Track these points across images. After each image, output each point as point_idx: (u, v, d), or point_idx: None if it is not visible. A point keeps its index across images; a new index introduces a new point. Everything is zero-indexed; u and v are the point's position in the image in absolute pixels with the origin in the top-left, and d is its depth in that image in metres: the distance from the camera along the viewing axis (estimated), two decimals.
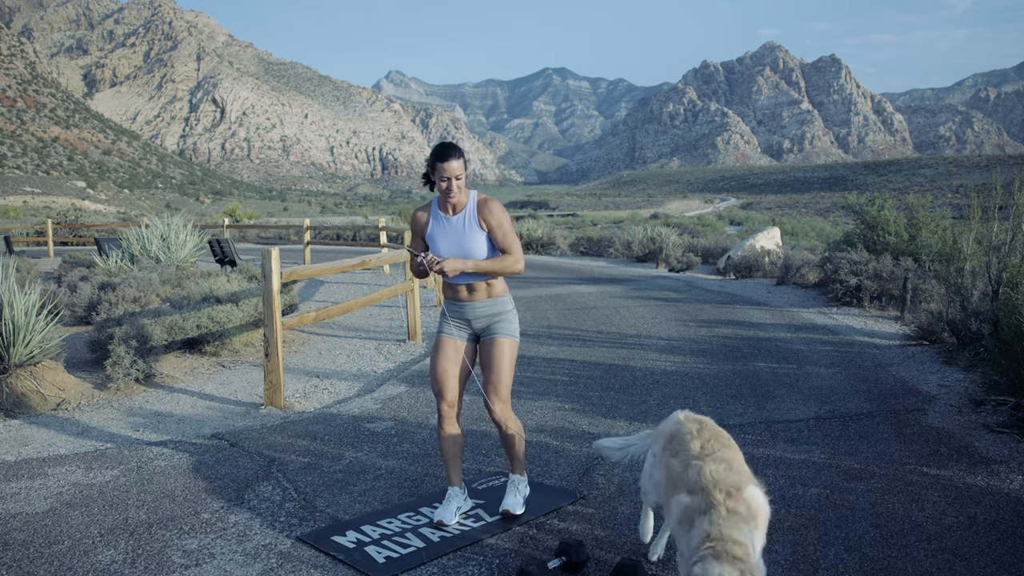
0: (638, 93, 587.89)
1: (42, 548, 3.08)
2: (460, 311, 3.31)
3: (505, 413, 3.28)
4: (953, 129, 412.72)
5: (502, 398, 3.25)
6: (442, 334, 3.35)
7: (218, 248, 12.36)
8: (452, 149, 3.14)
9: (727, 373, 6.05)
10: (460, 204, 3.21)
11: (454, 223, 3.21)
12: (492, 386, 3.24)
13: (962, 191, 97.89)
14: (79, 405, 5.46)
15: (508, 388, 3.26)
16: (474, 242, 3.18)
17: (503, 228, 3.19)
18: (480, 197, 3.24)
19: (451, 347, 3.30)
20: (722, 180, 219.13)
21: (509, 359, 3.25)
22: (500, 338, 3.25)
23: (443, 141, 3.27)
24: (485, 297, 3.26)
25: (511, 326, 3.29)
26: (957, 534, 3.11)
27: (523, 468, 3.43)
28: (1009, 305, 5.00)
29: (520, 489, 3.40)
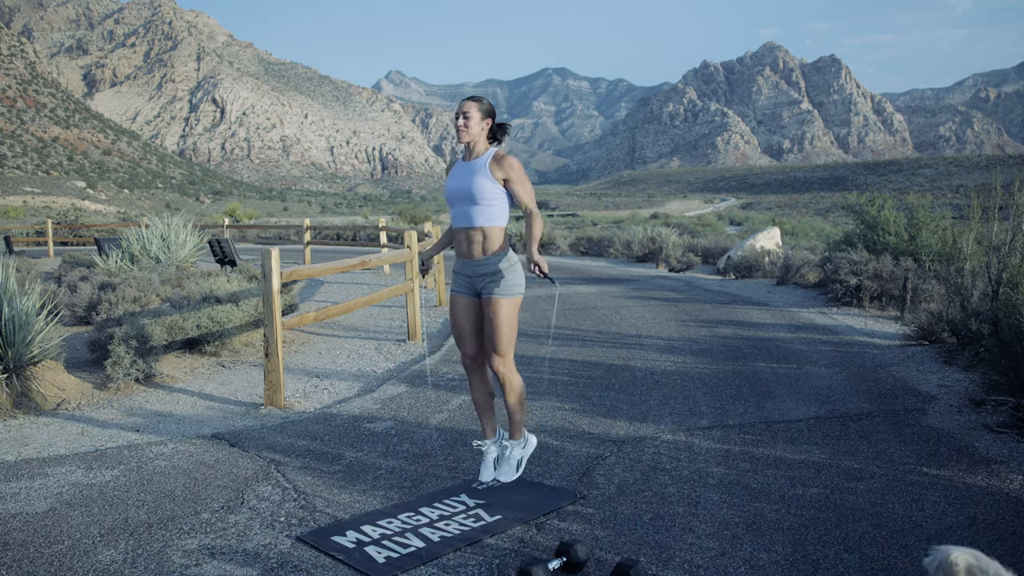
0: (638, 93, 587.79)
1: (42, 548, 3.07)
2: (462, 268, 3.50)
3: (503, 367, 3.41)
4: (953, 129, 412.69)
5: (499, 352, 3.39)
6: (453, 291, 3.57)
7: (218, 248, 12.36)
8: (474, 96, 3.47)
9: (727, 373, 6.05)
10: (475, 150, 3.43)
11: (468, 166, 3.44)
12: (489, 342, 3.41)
13: (962, 191, 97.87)
14: (79, 405, 5.46)
15: (506, 344, 3.39)
16: (478, 184, 3.36)
17: (521, 183, 3.39)
18: (499, 152, 3.43)
19: (461, 304, 3.52)
20: (722, 180, 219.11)
21: (505, 316, 3.37)
22: (495, 298, 3.38)
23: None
24: (480, 255, 3.41)
25: (507, 283, 3.39)
26: (957, 534, 3.11)
27: (521, 430, 3.58)
28: (1009, 305, 5.00)
29: (513, 456, 3.56)
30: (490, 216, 3.38)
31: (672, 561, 2.90)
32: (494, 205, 3.38)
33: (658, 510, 3.38)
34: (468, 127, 3.39)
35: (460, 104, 3.45)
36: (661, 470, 3.88)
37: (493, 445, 3.61)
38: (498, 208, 3.39)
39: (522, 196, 3.39)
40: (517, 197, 3.40)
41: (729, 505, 3.42)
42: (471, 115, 3.39)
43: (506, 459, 3.57)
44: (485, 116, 3.43)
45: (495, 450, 3.61)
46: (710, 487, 3.64)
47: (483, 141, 3.44)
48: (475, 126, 3.40)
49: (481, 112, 3.42)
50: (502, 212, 3.41)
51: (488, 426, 3.64)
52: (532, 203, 3.40)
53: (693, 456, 4.09)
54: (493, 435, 3.64)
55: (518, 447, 3.58)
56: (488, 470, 3.57)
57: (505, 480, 3.54)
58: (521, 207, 3.43)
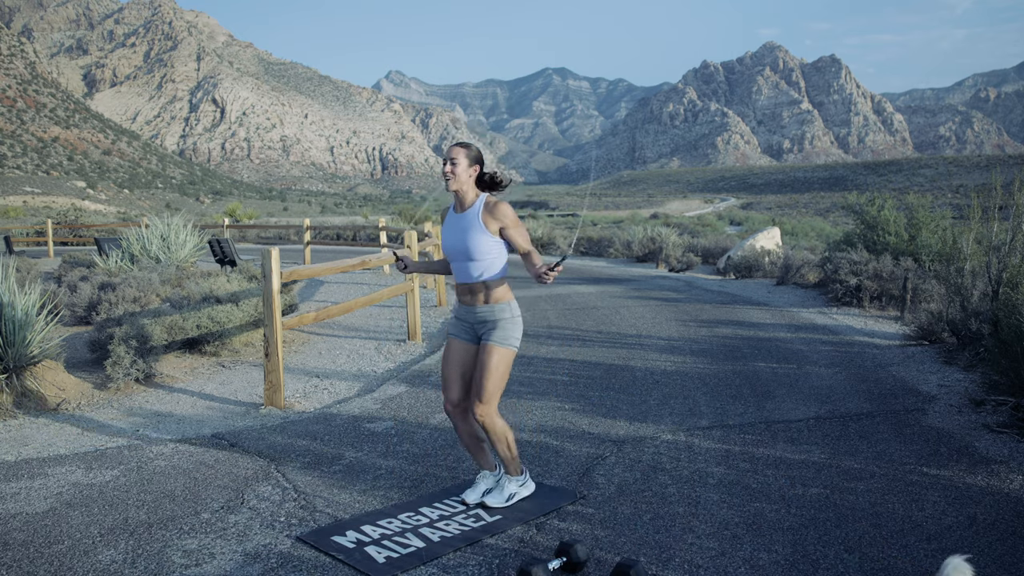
0: (638, 93, 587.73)
1: (42, 548, 3.08)
2: (464, 314, 3.44)
3: (483, 413, 3.32)
4: (953, 129, 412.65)
5: (482, 400, 3.30)
6: (449, 335, 3.52)
7: (218, 248, 12.36)
8: (462, 143, 3.40)
9: (727, 373, 6.05)
10: (465, 200, 3.36)
11: (460, 219, 3.37)
12: (475, 388, 3.33)
13: (962, 191, 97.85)
14: (79, 405, 5.46)
15: (492, 391, 3.30)
16: (473, 240, 3.30)
17: (517, 228, 3.33)
18: (489, 200, 3.35)
19: (456, 349, 3.46)
20: (722, 180, 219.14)
21: (496, 365, 3.30)
22: (491, 344, 3.33)
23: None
24: (483, 303, 3.35)
25: (505, 333, 3.34)
26: (957, 534, 3.11)
27: (516, 469, 3.48)
28: (1009, 305, 5.01)
29: (507, 488, 3.46)
30: (490, 269, 3.33)
31: (672, 561, 2.90)
32: (493, 258, 3.32)
33: (658, 510, 3.38)
34: (456, 174, 3.32)
35: (448, 150, 3.37)
36: (661, 470, 3.88)
37: (491, 476, 3.54)
38: (497, 259, 3.34)
39: (518, 241, 3.34)
40: (513, 243, 3.34)
41: (729, 505, 3.42)
42: (458, 161, 3.32)
43: (499, 488, 3.49)
44: (472, 163, 3.35)
45: (491, 480, 3.53)
46: (710, 487, 3.64)
47: (472, 189, 3.36)
48: (462, 173, 3.32)
49: (468, 158, 3.34)
50: (501, 262, 3.36)
51: (483, 462, 3.55)
52: (528, 245, 3.34)
53: (693, 456, 4.09)
54: (491, 468, 3.56)
55: (515, 483, 3.50)
56: (475, 494, 3.49)
57: (491, 504, 3.43)
58: (519, 251, 3.37)
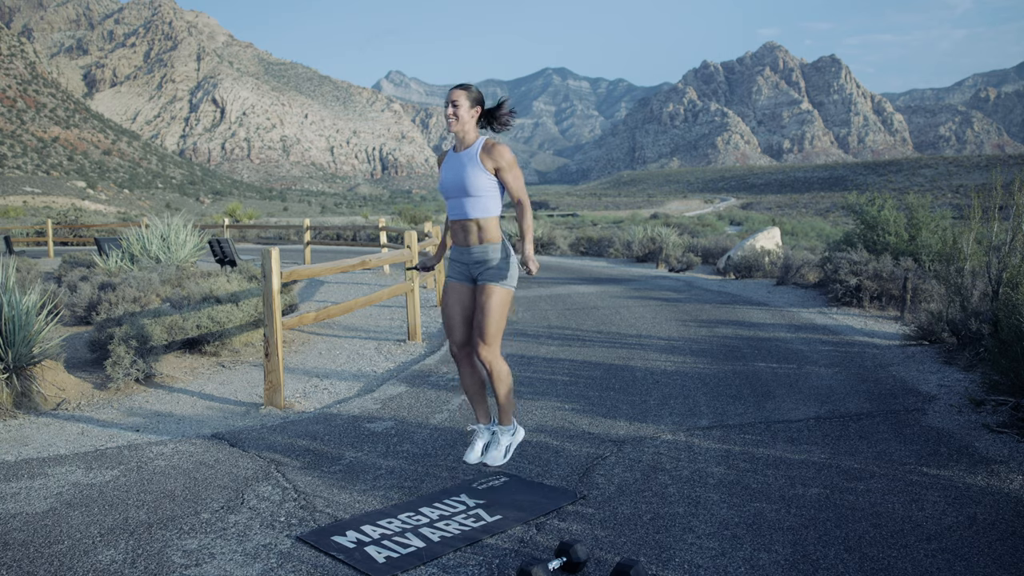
0: (638, 93, 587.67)
1: (42, 548, 3.08)
2: (459, 255, 3.52)
3: (488, 355, 3.41)
4: (953, 129, 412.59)
5: (486, 341, 3.39)
6: (448, 278, 3.58)
7: (218, 248, 12.36)
8: (462, 84, 3.48)
9: (727, 373, 6.05)
10: (465, 140, 3.44)
11: (459, 157, 3.44)
12: (477, 328, 3.41)
13: (962, 191, 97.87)
14: (79, 405, 5.46)
15: (494, 332, 3.40)
16: (471, 176, 3.37)
17: (513, 171, 3.39)
18: (489, 141, 3.42)
19: (455, 291, 3.53)
20: (722, 180, 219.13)
21: (495, 304, 3.38)
22: (488, 284, 3.40)
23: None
24: (477, 242, 3.43)
25: (501, 272, 3.41)
26: (957, 534, 3.11)
27: (509, 418, 3.59)
28: (1009, 305, 5.01)
29: (501, 441, 3.57)
30: (485, 207, 3.40)
31: (672, 561, 2.90)
32: (488, 196, 3.39)
33: (658, 510, 3.38)
34: (458, 116, 3.40)
35: (449, 92, 3.44)
36: (661, 470, 3.88)
37: (486, 430, 3.63)
38: (492, 199, 3.41)
39: (512, 185, 3.40)
40: (507, 186, 3.40)
41: (729, 505, 3.42)
42: (460, 103, 3.39)
43: (495, 444, 3.59)
44: (474, 104, 3.42)
45: (486, 435, 3.62)
46: (710, 487, 3.64)
47: (473, 130, 3.44)
48: (464, 114, 3.40)
49: (470, 100, 3.41)
50: (496, 202, 3.43)
51: (481, 411, 3.67)
52: (522, 193, 3.40)
53: (693, 456, 4.09)
54: (487, 420, 3.68)
55: (507, 433, 3.61)
56: (475, 453, 3.57)
57: (492, 464, 3.54)
58: (511, 197, 3.43)
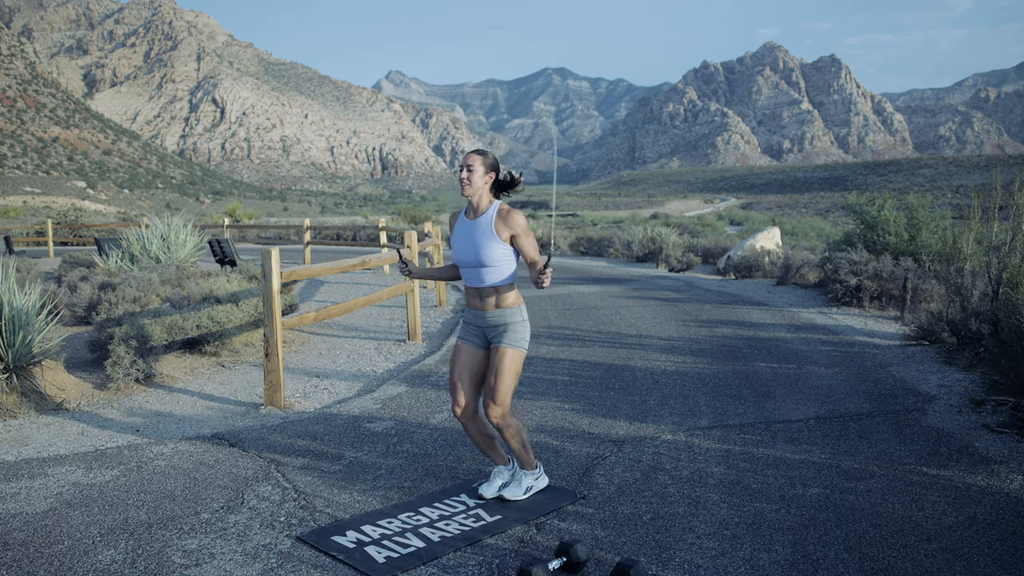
0: (638, 93, 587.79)
1: (42, 548, 3.08)
2: (473, 319, 3.49)
3: (500, 418, 3.39)
4: (953, 129, 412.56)
5: (497, 402, 3.36)
6: (459, 339, 3.55)
7: (218, 248, 12.36)
8: (479, 150, 3.44)
9: (727, 373, 6.05)
10: (480, 206, 3.40)
11: (474, 225, 3.40)
12: (489, 390, 3.39)
13: (962, 191, 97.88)
14: (79, 405, 5.46)
15: (506, 394, 3.37)
16: (486, 248, 3.34)
17: (528, 238, 3.37)
18: (503, 207, 3.39)
19: (467, 354, 3.50)
20: (722, 180, 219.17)
21: (509, 366, 3.36)
22: (503, 347, 3.38)
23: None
24: (494, 307, 3.41)
25: (516, 336, 3.40)
26: (957, 534, 3.11)
27: (532, 464, 3.57)
28: (1009, 305, 5.01)
29: (524, 481, 3.55)
30: (500, 275, 3.37)
31: (672, 561, 2.90)
32: (504, 264, 3.36)
33: (658, 510, 3.38)
34: (471, 181, 3.36)
35: (465, 156, 3.41)
36: (661, 470, 3.88)
37: (506, 470, 3.60)
38: (508, 266, 3.38)
39: (527, 251, 3.37)
40: (522, 251, 3.38)
41: (729, 505, 3.42)
42: (475, 168, 3.36)
43: (516, 482, 3.55)
44: (489, 170, 3.39)
45: (507, 475, 3.59)
46: (710, 487, 3.64)
47: (487, 196, 3.40)
48: (478, 180, 3.36)
49: (485, 166, 3.37)
50: (512, 268, 3.40)
51: (497, 458, 3.61)
52: (536, 255, 3.37)
53: (693, 456, 4.09)
54: (505, 464, 3.62)
55: (530, 476, 3.57)
56: (492, 488, 3.55)
57: (509, 497, 3.50)
58: (527, 260, 3.39)
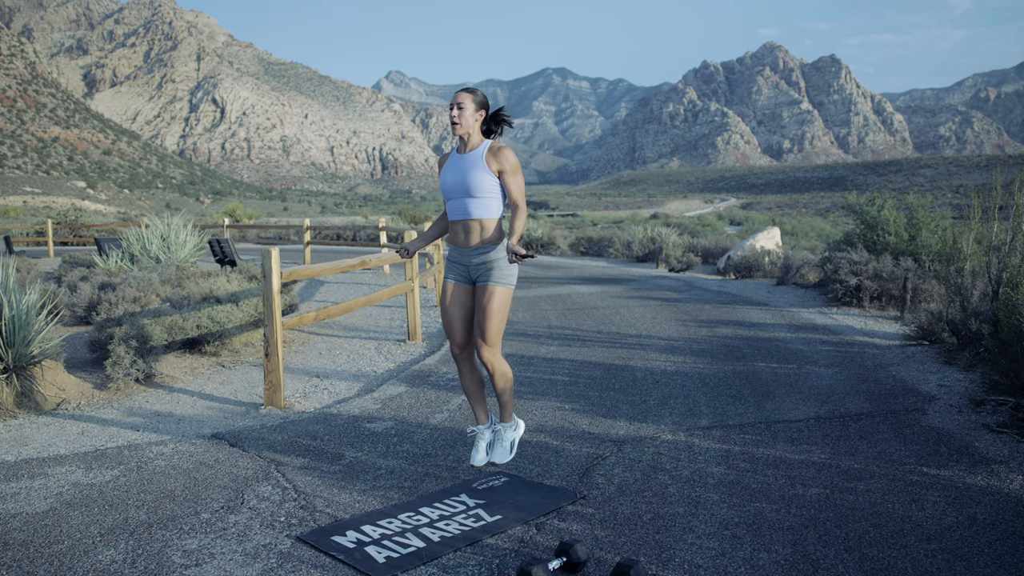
0: (638, 93, 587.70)
1: (42, 548, 3.08)
2: (458, 256, 3.52)
3: (490, 356, 3.44)
4: (953, 129, 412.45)
5: (488, 342, 3.41)
6: (447, 278, 3.58)
7: (218, 248, 12.36)
8: (467, 88, 3.50)
9: (727, 373, 6.05)
10: (470, 142, 3.44)
11: (463, 159, 3.44)
12: (479, 329, 3.43)
13: (962, 191, 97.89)
14: (79, 405, 5.46)
15: (495, 332, 3.42)
16: (475, 177, 3.38)
17: (516, 176, 3.40)
18: (495, 144, 3.43)
19: (455, 292, 3.54)
20: (722, 180, 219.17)
21: (497, 305, 3.40)
22: (490, 284, 3.41)
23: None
24: (478, 242, 3.43)
25: (501, 273, 3.42)
26: (957, 534, 3.11)
27: (510, 415, 3.64)
28: (1009, 305, 5.01)
29: (506, 438, 3.62)
30: (487, 208, 3.41)
31: (672, 561, 2.90)
32: (491, 197, 3.40)
33: (658, 510, 3.38)
34: (462, 118, 3.41)
35: (455, 95, 3.46)
36: (661, 470, 3.88)
37: (486, 430, 3.66)
38: (495, 200, 3.42)
39: (512, 189, 3.41)
40: (507, 189, 3.41)
41: (729, 505, 3.42)
42: (465, 106, 3.41)
43: (499, 442, 3.63)
44: (479, 107, 3.44)
45: (488, 435, 3.66)
46: (710, 487, 3.64)
47: (477, 133, 3.45)
48: (469, 116, 3.41)
49: (475, 103, 3.42)
50: (498, 203, 3.44)
51: (480, 412, 3.69)
52: (521, 198, 3.41)
53: (693, 456, 4.09)
54: (486, 420, 3.70)
55: (509, 429, 3.66)
56: (480, 454, 3.61)
57: (500, 461, 3.59)
58: (509, 200, 3.44)
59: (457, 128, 3.41)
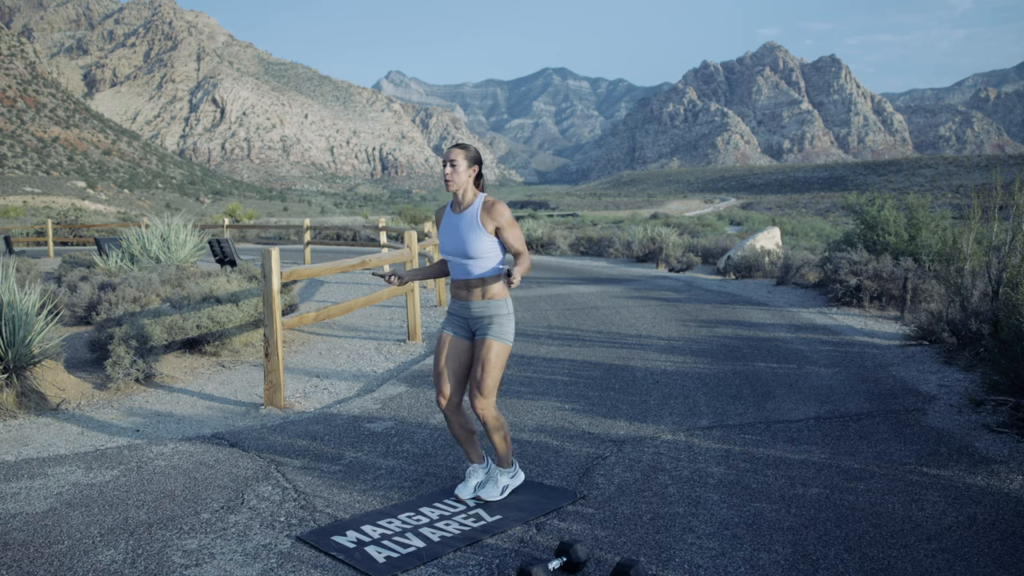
0: (638, 93, 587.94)
1: (42, 548, 3.08)
2: (459, 309, 3.50)
3: (485, 409, 3.41)
4: (953, 129, 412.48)
5: (483, 394, 3.39)
6: (443, 330, 3.56)
7: (218, 248, 12.36)
8: (460, 144, 3.48)
9: (727, 373, 6.05)
10: (464, 199, 3.43)
11: (458, 219, 3.43)
12: (474, 382, 3.42)
13: (962, 191, 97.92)
14: (79, 405, 5.46)
15: (491, 386, 3.39)
16: (472, 240, 3.37)
17: (512, 229, 3.40)
18: (488, 200, 3.42)
19: (452, 345, 3.51)
20: (722, 180, 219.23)
21: (495, 359, 3.39)
22: (488, 339, 3.40)
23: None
24: (480, 298, 3.43)
25: (501, 329, 3.42)
26: (957, 534, 3.11)
27: (508, 462, 3.59)
28: (1009, 305, 5.01)
29: (499, 480, 3.56)
30: (487, 267, 3.39)
31: (672, 561, 2.90)
32: (490, 256, 3.39)
33: (658, 510, 3.38)
34: (456, 175, 3.38)
35: (447, 151, 3.43)
36: (661, 470, 3.88)
37: (481, 469, 3.60)
38: (494, 258, 3.41)
39: (512, 243, 3.40)
40: (506, 243, 3.41)
41: (729, 505, 3.42)
42: (458, 163, 3.38)
43: (492, 481, 3.56)
44: (472, 163, 3.42)
45: (481, 474, 3.59)
46: (710, 487, 3.64)
47: (471, 189, 3.43)
48: (462, 174, 3.39)
49: (467, 160, 3.41)
50: (498, 258, 3.43)
51: (473, 453, 3.59)
52: (522, 247, 3.41)
53: (693, 456, 4.09)
54: (480, 461, 3.61)
55: (506, 475, 3.58)
56: (467, 489, 3.55)
57: (486, 498, 3.50)
58: (511, 252, 3.43)
59: (451, 185, 3.39)
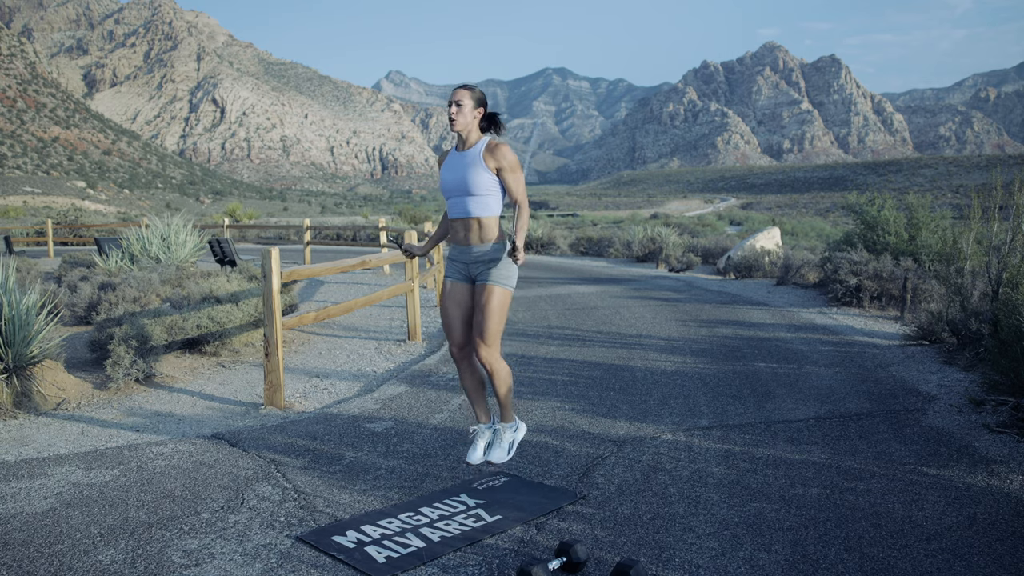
0: (638, 93, 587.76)
1: (42, 548, 3.08)
2: (458, 255, 3.51)
3: (488, 356, 3.42)
4: (953, 129, 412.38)
5: (486, 342, 3.40)
6: (447, 277, 3.57)
7: (218, 248, 12.36)
8: (466, 85, 3.50)
9: (727, 373, 6.05)
10: (468, 139, 3.44)
11: (461, 156, 3.44)
12: (477, 328, 3.42)
13: (962, 191, 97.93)
14: (79, 405, 5.46)
15: (494, 333, 3.40)
16: (473, 176, 3.37)
17: (514, 172, 3.40)
18: (492, 141, 3.42)
19: (454, 291, 3.53)
20: (722, 180, 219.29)
21: (495, 304, 3.39)
22: (489, 284, 3.40)
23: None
24: (477, 241, 3.43)
25: (501, 273, 3.41)
26: (957, 534, 3.11)
27: (510, 416, 3.62)
28: (1009, 305, 5.01)
29: (504, 438, 3.60)
30: (486, 205, 3.40)
31: (672, 561, 2.90)
32: (490, 195, 3.39)
33: (658, 510, 3.38)
34: (460, 115, 3.41)
35: (453, 92, 3.45)
36: (661, 470, 3.88)
37: (487, 430, 3.64)
38: (494, 198, 3.41)
39: (512, 187, 3.40)
40: (507, 187, 3.40)
41: (729, 505, 3.42)
42: (463, 103, 3.40)
43: (498, 442, 3.60)
44: (477, 105, 3.43)
45: (488, 434, 3.64)
46: (710, 487, 3.64)
47: (476, 130, 3.45)
48: (468, 114, 3.41)
49: (473, 100, 3.42)
50: (497, 201, 3.43)
51: (481, 411, 3.67)
52: (522, 195, 3.40)
53: (693, 456, 4.09)
54: (487, 420, 3.68)
55: (510, 430, 3.64)
56: (477, 452, 3.58)
57: (496, 461, 3.56)
58: (510, 198, 3.42)
59: (455, 125, 3.41)
